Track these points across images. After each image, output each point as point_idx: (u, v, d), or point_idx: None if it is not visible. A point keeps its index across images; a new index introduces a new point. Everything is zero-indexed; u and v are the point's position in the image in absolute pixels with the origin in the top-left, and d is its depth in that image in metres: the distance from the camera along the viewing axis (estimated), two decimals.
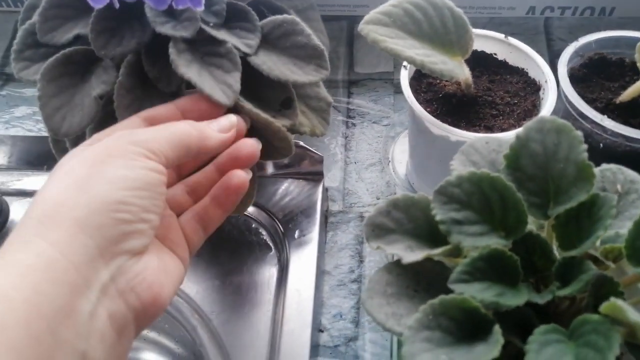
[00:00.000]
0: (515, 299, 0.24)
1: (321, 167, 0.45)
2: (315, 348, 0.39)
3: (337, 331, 0.40)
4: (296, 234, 0.42)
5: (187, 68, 0.34)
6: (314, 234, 0.42)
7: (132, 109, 0.36)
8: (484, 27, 0.59)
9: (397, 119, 0.53)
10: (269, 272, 0.41)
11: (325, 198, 0.47)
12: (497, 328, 0.23)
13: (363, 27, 0.35)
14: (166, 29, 0.34)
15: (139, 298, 0.25)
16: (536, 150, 0.27)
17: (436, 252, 0.26)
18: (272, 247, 0.42)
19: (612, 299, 0.21)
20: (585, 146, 0.26)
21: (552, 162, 0.27)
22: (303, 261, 0.40)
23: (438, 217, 0.26)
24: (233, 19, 0.37)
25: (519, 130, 0.27)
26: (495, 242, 0.26)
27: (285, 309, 0.38)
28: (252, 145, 0.31)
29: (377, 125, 0.53)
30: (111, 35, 0.35)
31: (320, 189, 0.45)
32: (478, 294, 0.24)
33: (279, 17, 0.38)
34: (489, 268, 0.25)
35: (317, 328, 0.40)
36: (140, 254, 0.25)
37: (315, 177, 0.45)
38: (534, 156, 0.27)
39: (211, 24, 0.36)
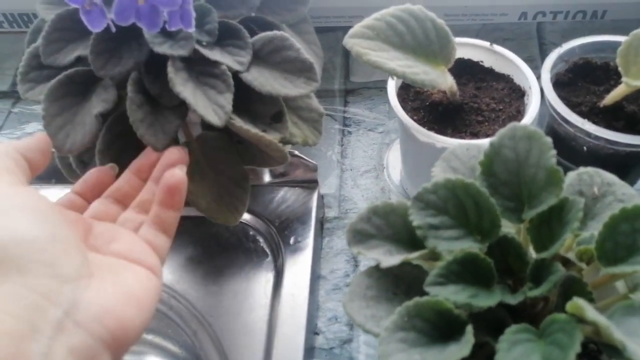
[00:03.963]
0: (487, 300, 0.25)
1: (316, 175, 0.46)
2: (310, 350, 0.40)
3: (332, 334, 0.41)
4: (291, 240, 0.43)
5: (183, 87, 0.36)
6: (309, 239, 0.43)
7: (147, 122, 0.37)
8: (476, 34, 0.60)
9: (391, 126, 0.54)
10: (265, 278, 0.42)
11: (321, 205, 0.48)
12: (469, 328, 0.24)
13: (347, 41, 0.36)
14: (164, 48, 0.36)
15: (104, 326, 0.24)
16: (509, 157, 0.28)
17: (413, 256, 0.27)
18: (269, 253, 0.44)
19: (575, 299, 0.22)
20: (554, 152, 0.27)
21: (524, 168, 0.28)
22: (298, 266, 0.42)
23: (415, 223, 0.27)
24: (225, 37, 0.39)
25: (493, 137, 0.28)
26: (470, 245, 0.27)
27: (281, 313, 0.39)
28: (176, 150, 0.34)
29: (372, 133, 0.55)
30: (110, 56, 0.37)
31: (315, 196, 0.46)
32: (452, 296, 0.25)
33: (269, 33, 0.40)
34: (464, 271, 0.26)
35: (313, 331, 0.41)
36: (83, 279, 0.25)
37: (310, 184, 0.47)
38: (507, 162, 0.28)
39: (204, 43, 0.38)
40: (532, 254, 0.28)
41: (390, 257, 0.28)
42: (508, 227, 0.29)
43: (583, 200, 0.26)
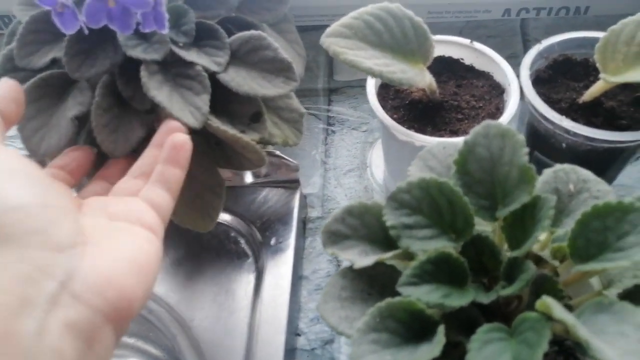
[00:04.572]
0: (460, 300, 0.25)
1: (297, 175, 0.46)
2: (291, 352, 0.40)
3: (314, 334, 0.41)
4: (273, 241, 0.43)
5: (158, 91, 0.35)
6: (291, 240, 0.43)
7: (110, 128, 0.38)
8: (460, 31, 0.60)
9: (375, 125, 0.54)
10: (246, 279, 0.42)
11: (303, 205, 0.48)
12: (441, 328, 0.24)
13: (324, 40, 0.36)
14: (137, 52, 0.36)
15: (103, 297, 0.22)
16: (483, 155, 0.28)
17: (386, 256, 0.27)
18: (250, 254, 0.44)
19: (544, 297, 0.22)
20: (526, 149, 0.26)
21: (498, 166, 0.28)
22: (279, 267, 0.42)
23: (389, 223, 0.27)
24: (202, 38, 0.39)
25: (467, 136, 0.28)
26: (444, 245, 0.27)
27: (261, 314, 0.39)
28: (175, 122, 0.33)
29: (356, 132, 0.54)
30: (85, 57, 0.37)
31: (297, 197, 0.46)
32: (424, 296, 0.25)
33: (246, 33, 0.39)
34: (437, 270, 0.26)
35: (294, 332, 0.41)
36: (78, 246, 0.23)
37: (292, 184, 0.46)
38: (481, 160, 0.28)
39: (181, 44, 0.38)
40: (508, 252, 0.28)
41: (364, 258, 0.28)
42: (484, 226, 0.29)
43: (555, 197, 0.25)
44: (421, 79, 0.36)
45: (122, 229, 0.26)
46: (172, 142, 0.31)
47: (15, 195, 0.22)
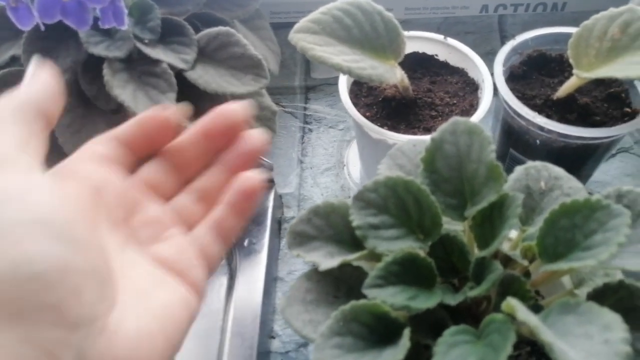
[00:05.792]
0: (427, 302, 0.24)
1: (271, 174, 0.45)
2: (265, 354, 0.39)
3: (289, 337, 0.40)
4: (246, 242, 0.42)
5: (122, 89, 0.34)
6: (265, 241, 0.42)
7: (73, 129, 0.37)
8: (438, 28, 0.59)
9: (352, 123, 0.53)
10: (218, 282, 0.41)
11: (278, 205, 0.47)
12: (406, 332, 0.23)
13: (293, 36, 0.35)
14: (99, 49, 0.35)
15: None
16: (450, 152, 0.27)
17: (352, 257, 0.26)
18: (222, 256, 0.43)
19: (508, 298, 0.22)
20: (493, 147, 0.26)
21: (466, 163, 0.27)
22: (253, 269, 0.41)
23: (355, 223, 0.26)
24: (169, 34, 0.38)
25: (434, 133, 0.27)
26: (411, 245, 0.26)
27: (234, 317, 0.38)
28: (259, 134, 0.26)
29: (333, 130, 0.54)
30: (45, 55, 0.35)
31: (270, 197, 0.45)
32: (390, 298, 0.24)
33: (214, 29, 0.38)
34: (404, 271, 0.25)
35: (269, 335, 0.40)
36: (98, 320, 0.19)
37: (266, 184, 0.45)
38: (449, 158, 0.27)
39: (146, 41, 0.37)
40: (477, 252, 0.27)
41: (330, 260, 0.27)
42: (455, 225, 0.29)
43: (522, 195, 0.25)
44: (392, 75, 0.36)
45: (160, 284, 0.23)
46: (244, 187, 0.25)
47: (34, 259, 0.18)
